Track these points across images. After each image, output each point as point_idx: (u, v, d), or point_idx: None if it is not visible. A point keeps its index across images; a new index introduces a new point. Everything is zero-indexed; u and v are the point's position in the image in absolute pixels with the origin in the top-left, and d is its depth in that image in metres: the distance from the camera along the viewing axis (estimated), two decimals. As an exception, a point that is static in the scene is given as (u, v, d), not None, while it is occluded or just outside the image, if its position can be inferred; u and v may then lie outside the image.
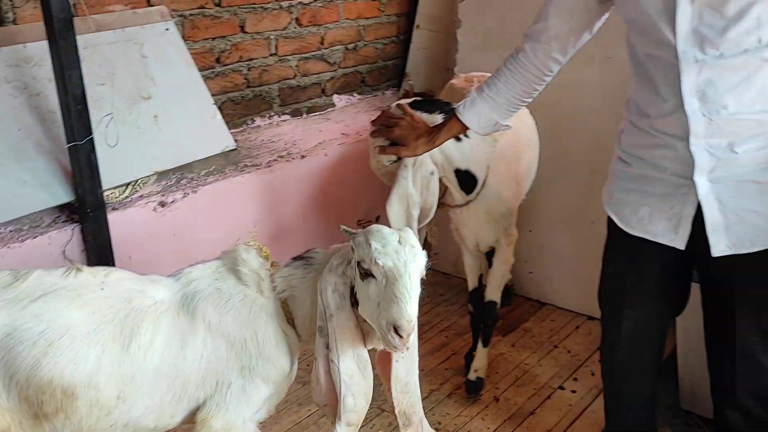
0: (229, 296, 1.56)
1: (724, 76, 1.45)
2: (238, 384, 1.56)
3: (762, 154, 1.49)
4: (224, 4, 2.74)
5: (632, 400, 1.91)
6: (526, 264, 3.22)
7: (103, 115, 2.16)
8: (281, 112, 3.10)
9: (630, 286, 1.74)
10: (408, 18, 3.59)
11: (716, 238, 1.54)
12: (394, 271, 1.40)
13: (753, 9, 1.39)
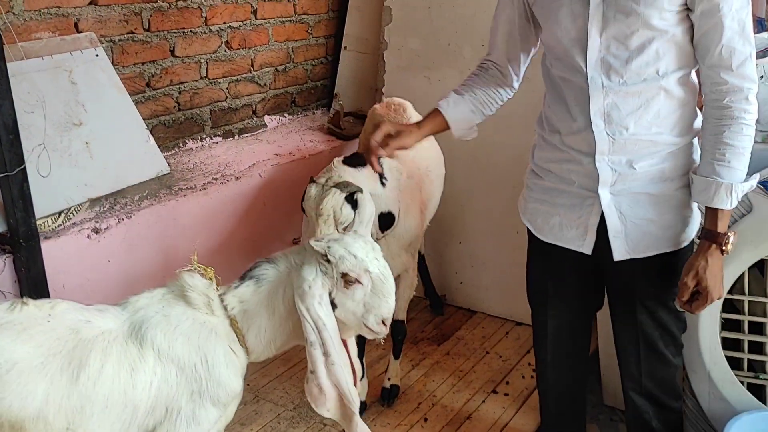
0: (177, 322, 1.58)
1: (627, 101, 1.63)
2: (188, 409, 1.58)
3: (655, 170, 1.68)
4: (153, 28, 2.75)
5: (563, 393, 2.08)
6: (457, 275, 3.35)
7: (35, 145, 2.15)
8: (213, 134, 3.12)
9: (551, 289, 1.90)
10: (336, 39, 3.68)
11: (617, 244, 1.72)
12: (380, 276, 1.60)
13: (653, 44, 1.58)
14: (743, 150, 1.58)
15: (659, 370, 1.85)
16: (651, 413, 1.89)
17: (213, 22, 2.99)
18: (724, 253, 1.63)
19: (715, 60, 1.57)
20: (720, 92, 1.59)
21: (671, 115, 1.66)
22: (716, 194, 1.60)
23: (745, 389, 2.03)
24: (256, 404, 2.62)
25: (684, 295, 1.66)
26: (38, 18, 2.38)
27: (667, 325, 1.80)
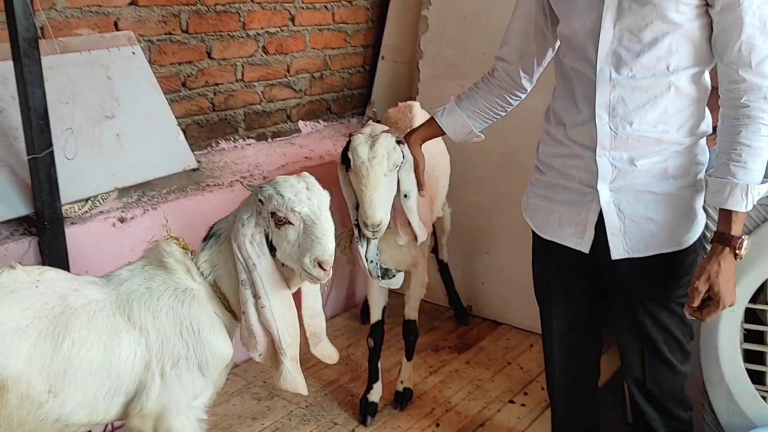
0: (160, 293, 1.62)
1: (634, 96, 1.59)
2: (173, 374, 1.61)
3: (658, 168, 1.64)
4: (191, 30, 2.85)
5: (571, 394, 2.03)
6: (483, 285, 3.31)
7: (64, 129, 2.24)
8: (246, 136, 3.20)
9: (554, 288, 1.87)
10: (374, 49, 3.73)
11: (615, 242, 1.68)
12: (311, 216, 1.57)
13: (666, 38, 1.55)
14: (761, 151, 1.52)
15: (665, 377, 1.78)
16: (658, 421, 1.81)
17: (250, 26, 3.07)
18: (738, 257, 1.55)
19: (733, 57, 1.52)
20: (737, 90, 1.53)
21: (679, 113, 1.62)
22: (731, 195, 1.53)
23: (767, 403, 1.93)
24: (270, 401, 2.63)
25: (695, 301, 1.58)
26: (79, 15, 2.50)
27: (671, 329, 1.73)
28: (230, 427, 2.48)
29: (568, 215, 1.75)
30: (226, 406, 2.61)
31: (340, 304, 3.40)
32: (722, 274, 1.55)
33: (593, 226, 1.71)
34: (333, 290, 3.32)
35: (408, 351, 2.61)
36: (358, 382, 2.77)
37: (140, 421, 1.63)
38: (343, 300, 3.42)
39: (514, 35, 1.87)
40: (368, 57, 3.74)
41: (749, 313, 1.96)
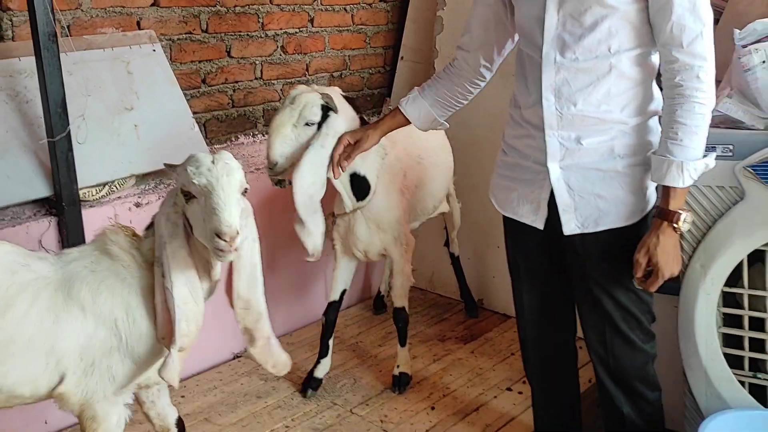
0: (102, 278, 1.65)
1: (578, 78, 1.67)
2: (104, 363, 1.64)
3: (604, 147, 1.70)
4: (211, 30, 3.02)
5: (547, 375, 2.08)
6: (494, 279, 3.36)
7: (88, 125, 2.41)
8: (265, 131, 3.33)
9: (521, 265, 1.94)
10: (395, 50, 3.84)
11: (567, 218, 1.74)
12: (207, 186, 1.56)
13: (605, 21, 1.63)
14: (696, 128, 1.58)
15: (626, 354, 1.82)
16: (622, 399, 1.85)
17: (269, 27, 3.23)
18: (677, 231, 1.63)
19: (666, 38, 1.59)
20: (672, 70, 1.60)
21: (622, 94, 1.68)
22: (668, 172, 1.60)
23: (744, 389, 1.93)
24: (276, 381, 2.75)
25: (637, 272, 1.67)
26: (104, 15, 2.69)
27: (627, 306, 1.78)
28: (235, 403, 2.61)
29: (524, 193, 1.83)
30: (234, 385, 2.74)
31: (354, 295, 3.50)
32: (661, 246, 1.62)
33: (546, 203, 1.78)
34: (347, 282, 3.43)
35: (400, 337, 2.69)
36: (363, 367, 2.86)
37: (64, 405, 1.68)
38: (358, 291, 3.52)
39: (475, 24, 1.94)
40: (388, 58, 3.84)
41: (730, 298, 1.97)
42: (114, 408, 1.70)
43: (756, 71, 1.81)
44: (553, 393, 2.10)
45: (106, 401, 1.68)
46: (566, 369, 2.07)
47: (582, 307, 1.87)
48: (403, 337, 2.68)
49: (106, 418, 1.69)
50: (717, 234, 1.86)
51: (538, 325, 2.00)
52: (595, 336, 1.84)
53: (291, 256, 3.11)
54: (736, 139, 1.81)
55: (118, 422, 1.73)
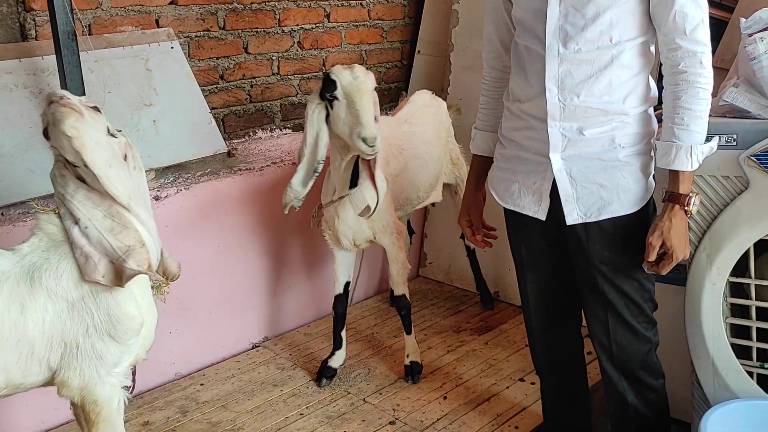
0: (58, 261, 1.67)
1: (580, 69, 1.68)
2: (87, 344, 1.67)
3: (605, 137, 1.72)
4: (228, 27, 3.08)
5: (553, 364, 2.11)
6: (510, 272, 3.36)
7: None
8: (283, 126, 3.40)
9: (525, 256, 1.95)
10: (412, 45, 3.87)
11: (569, 209, 1.76)
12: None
13: (607, 12, 1.64)
14: (700, 113, 1.61)
15: (629, 342, 1.83)
16: (625, 387, 1.87)
17: (286, 23, 3.28)
18: (688, 214, 1.66)
19: (669, 26, 1.61)
20: (675, 57, 1.62)
21: (623, 84, 1.69)
22: (677, 157, 1.63)
23: (752, 379, 1.93)
24: (292, 370, 2.81)
25: (650, 255, 1.69)
26: (123, 14, 2.76)
27: (630, 294, 1.79)
28: (252, 391, 2.67)
29: (526, 185, 1.84)
30: (252, 373, 2.80)
31: (372, 287, 3.55)
32: (674, 229, 1.66)
33: (548, 193, 1.80)
34: (364, 274, 3.47)
35: (404, 325, 2.72)
36: (377, 357, 2.91)
37: (67, 392, 1.72)
38: (376, 284, 3.57)
39: (493, 30, 1.96)
40: (405, 52, 3.87)
41: (736, 288, 1.96)
42: (114, 391, 1.75)
43: (762, 60, 1.80)
44: (561, 382, 2.12)
45: (104, 384, 1.72)
46: (573, 359, 2.09)
47: (585, 296, 1.88)
48: (408, 326, 2.72)
49: (108, 402, 1.74)
50: (722, 224, 1.86)
51: (544, 314, 2.02)
52: (598, 325, 1.86)
53: (307, 248, 3.16)
54: (740, 129, 1.81)
55: (119, 406, 1.78)
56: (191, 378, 2.76)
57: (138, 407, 2.55)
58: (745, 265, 1.90)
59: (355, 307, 3.38)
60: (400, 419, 2.48)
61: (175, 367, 2.77)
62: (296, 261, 3.16)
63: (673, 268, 2.06)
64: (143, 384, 2.65)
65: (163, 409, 2.55)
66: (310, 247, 3.18)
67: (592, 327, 1.89)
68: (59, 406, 2.35)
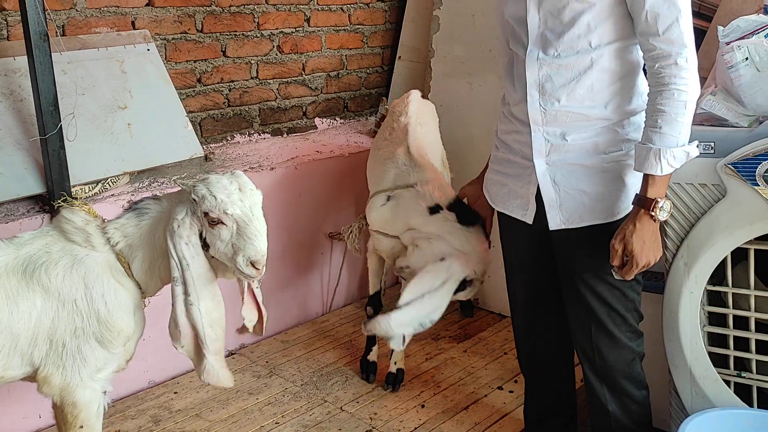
0: (58, 258, 1.65)
1: (560, 74, 1.68)
2: (73, 344, 1.65)
3: (588, 143, 1.70)
4: (206, 30, 3.04)
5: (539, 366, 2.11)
6: (489, 279, 3.34)
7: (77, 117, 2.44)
8: (261, 131, 3.36)
9: (514, 258, 1.97)
10: (393, 50, 3.85)
11: (552, 214, 1.75)
12: (243, 217, 1.63)
13: (583, 16, 1.63)
14: (675, 115, 1.57)
15: (610, 351, 1.81)
16: (606, 395, 1.85)
17: (265, 27, 3.25)
18: (654, 219, 1.61)
19: (643, 27, 1.59)
20: (652, 59, 1.60)
21: (605, 89, 1.68)
22: (646, 160, 1.60)
23: (729, 388, 1.92)
24: (268, 378, 2.76)
25: (613, 260, 1.66)
26: (98, 15, 2.72)
27: (611, 303, 1.77)
28: (227, 400, 2.62)
29: (514, 188, 1.85)
30: (227, 382, 2.75)
31: (351, 294, 3.51)
32: (637, 234, 1.61)
33: (534, 198, 1.80)
34: (343, 281, 3.44)
35: None
36: (355, 365, 2.87)
37: (47, 390, 1.70)
38: (355, 290, 3.53)
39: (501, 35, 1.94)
40: (386, 57, 3.86)
41: (714, 296, 1.96)
42: (95, 395, 1.72)
43: (739, 68, 1.80)
44: (545, 384, 2.11)
45: (84, 387, 1.69)
46: (558, 361, 2.08)
47: (568, 302, 1.87)
48: None
49: (87, 404, 1.72)
50: (700, 232, 1.85)
51: (530, 317, 2.03)
52: (580, 332, 1.85)
53: (284, 255, 3.12)
54: (718, 137, 1.80)
55: (98, 410, 1.75)
56: (164, 386, 2.71)
57: (109, 416, 2.48)
58: (723, 274, 1.90)
59: (333, 314, 3.35)
60: (378, 428, 2.44)
61: (148, 375, 2.71)
62: (274, 268, 3.11)
63: (651, 276, 2.06)
64: (115, 392, 2.55)
65: (135, 418, 2.50)
66: (288, 255, 3.15)
67: (575, 333, 1.88)
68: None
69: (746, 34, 1.86)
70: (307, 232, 3.20)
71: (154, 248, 1.73)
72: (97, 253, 1.70)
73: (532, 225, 1.83)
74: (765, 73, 1.79)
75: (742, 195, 1.77)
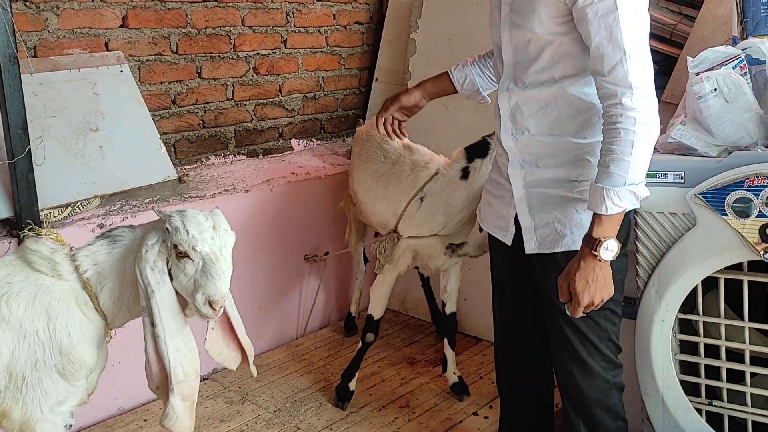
0: (20, 289, 1.61)
1: (528, 104, 1.71)
2: (34, 377, 1.60)
3: (561, 171, 1.72)
4: (181, 51, 3.02)
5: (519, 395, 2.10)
6: (465, 302, 3.34)
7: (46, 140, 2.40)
8: (237, 152, 3.34)
9: (497, 278, 1.99)
10: (370, 72, 3.86)
11: (528, 238, 1.77)
12: (211, 256, 1.60)
13: (545, 51, 1.66)
14: (622, 154, 1.53)
15: (584, 381, 1.80)
16: (580, 424, 1.84)
17: (241, 48, 3.23)
18: (597, 258, 1.57)
19: (592, 65, 1.60)
20: (601, 97, 1.60)
21: (571, 120, 1.69)
22: (592, 198, 1.58)
23: (701, 417, 1.92)
24: (241, 405, 2.72)
25: (561, 296, 1.64)
26: (71, 36, 2.69)
27: (584, 331, 1.76)
28: (198, 427, 2.56)
29: (498, 209, 1.88)
30: (199, 408, 2.68)
31: (326, 317, 3.48)
32: (580, 272, 1.58)
33: (512, 220, 1.82)
34: (319, 303, 3.41)
35: (452, 342, 2.79)
36: (329, 390, 2.84)
37: (7, 424, 1.65)
38: (330, 313, 3.50)
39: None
40: (363, 79, 3.86)
41: (686, 325, 1.96)
42: (55, 429, 1.68)
43: (708, 99, 1.82)
44: (521, 408, 2.09)
45: (45, 421, 1.65)
46: (536, 384, 2.06)
47: (548, 328, 1.86)
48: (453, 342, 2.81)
49: None
50: (670, 261, 1.86)
51: (510, 339, 2.03)
52: (557, 357, 1.84)
53: (258, 278, 3.09)
54: (687, 166, 1.82)
55: None
56: (134, 413, 2.66)
57: (76, 445, 2.44)
58: (694, 302, 1.91)
59: (308, 337, 3.32)
60: (351, 456, 2.42)
61: (117, 402, 2.66)
62: (247, 291, 3.09)
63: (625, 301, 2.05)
64: (83, 420, 2.54)
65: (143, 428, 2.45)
66: (262, 277, 3.12)
67: (554, 358, 1.87)
68: None
69: (715, 65, 1.89)
70: (282, 255, 3.17)
71: (124, 277, 1.69)
72: (64, 282, 1.66)
73: (511, 247, 1.84)
74: (733, 104, 1.81)
75: (711, 225, 1.79)
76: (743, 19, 2.17)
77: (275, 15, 3.34)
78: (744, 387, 1.87)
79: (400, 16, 3.69)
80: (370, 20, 3.81)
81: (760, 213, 1.72)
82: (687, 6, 2.85)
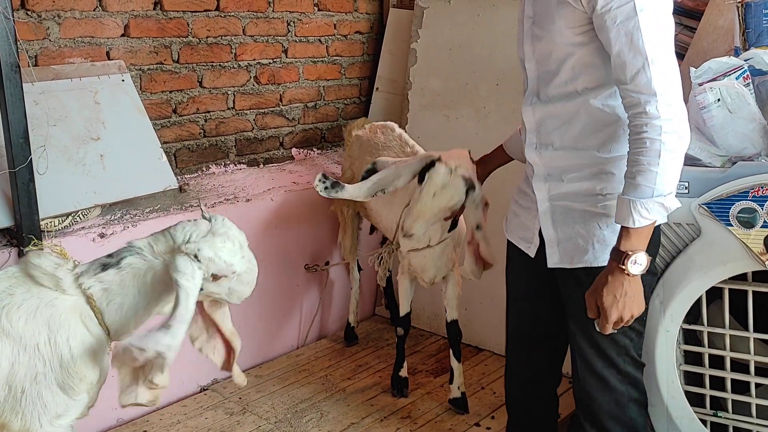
0: (21, 301, 1.59)
1: (552, 118, 1.69)
2: (33, 390, 1.58)
3: (585, 185, 1.69)
4: (182, 60, 3.02)
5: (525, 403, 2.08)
6: (467, 311, 3.33)
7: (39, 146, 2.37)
8: (238, 161, 3.33)
9: (512, 289, 2.00)
10: (370, 81, 3.86)
11: (551, 251, 1.76)
12: (246, 271, 1.74)
13: (567, 62, 1.64)
14: (649, 165, 1.49)
15: (598, 392, 1.77)
16: None
17: (242, 58, 3.24)
18: (625, 272, 1.53)
19: (614, 75, 1.56)
20: (626, 107, 1.56)
21: (598, 132, 1.66)
22: (619, 211, 1.55)
23: (705, 428, 1.91)
24: (241, 415, 2.70)
25: (589, 312, 1.61)
26: (72, 45, 2.69)
27: (601, 345, 1.73)
28: (195, 439, 2.56)
29: (524, 220, 1.87)
30: (199, 419, 2.69)
31: (325, 328, 3.47)
32: (608, 287, 1.55)
33: (537, 232, 1.80)
34: (320, 314, 3.40)
35: (457, 352, 2.75)
36: (331, 400, 2.82)
37: None
38: (330, 324, 3.49)
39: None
40: (364, 89, 3.86)
41: (690, 335, 1.96)
42: None
43: (711, 109, 1.82)
44: (527, 421, 2.07)
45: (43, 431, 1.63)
46: (541, 404, 2.04)
47: (569, 339, 1.85)
48: (458, 352, 2.77)
49: None
50: (675, 271, 1.86)
51: (520, 350, 2.02)
52: (575, 368, 1.82)
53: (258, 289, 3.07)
54: (692, 177, 1.82)
55: None
56: (134, 424, 2.64)
57: (75, 456, 2.41)
58: (698, 312, 1.90)
59: (308, 347, 3.30)
60: (352, 467, 2.40)
61: (117, 413, 2.64)
62: (248, 301, 3.07)
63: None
64: (82, 431, 2.52)
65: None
66: (263, 287, 3.09)
67: (571, 368, 1.85)
68: None
69: (718, 75, 1.89)
70: (282, 264, 3.16)
71: (137, 295, 1.67)
72: (66, 296, 1.64)
73: (535, 259, 1.82)
74: (737, 114, 1.82)
75: (716, 235, 1.78)
76: (745, 30, 2.18)
77: (276, 24, 3.35)
78: (749, 398, 1.86)
79: (401, 26, 3.70)
80: (370, 30, 3.82)
81: (765, 223, 1.72)
82: (687, 17, 2.86)
